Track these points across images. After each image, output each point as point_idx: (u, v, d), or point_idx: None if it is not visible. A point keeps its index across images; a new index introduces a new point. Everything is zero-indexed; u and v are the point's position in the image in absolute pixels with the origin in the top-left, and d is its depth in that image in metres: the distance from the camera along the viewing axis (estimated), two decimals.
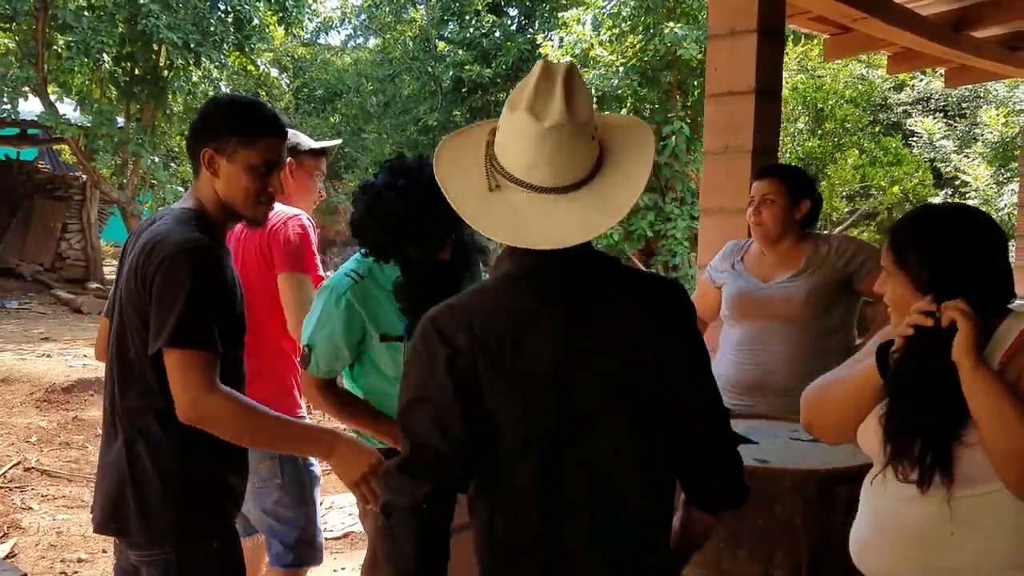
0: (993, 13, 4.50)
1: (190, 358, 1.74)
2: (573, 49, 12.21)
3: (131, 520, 1.85)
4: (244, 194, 1.90)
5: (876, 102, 13.12)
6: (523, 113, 1.28)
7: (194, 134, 1.92)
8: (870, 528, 1.68)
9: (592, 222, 1.31)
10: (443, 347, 1.32)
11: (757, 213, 2.84)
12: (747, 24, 3.13)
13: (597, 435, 1.35)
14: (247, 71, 15.80)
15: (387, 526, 1.35)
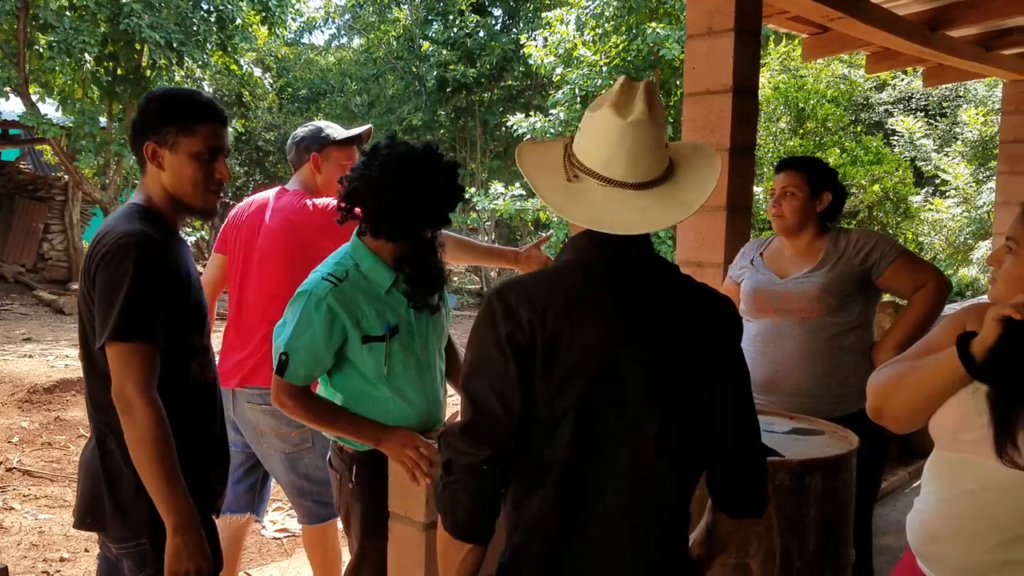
0: (968, 13, 4.55)
1: (129, 352, 1.76)
2: (557, 49, 12.25)
3: (107, 515, 1.86)
4: (191, 184, 1.92)
5: (858, 102, 13.23)
6: (607, 110, 1.38)
7: (135, 131, 1.93)
8: (944, 518, 1.60)
9: (662, 214, 1.42)
10: (506, 323, 1.39)
11: (777, 205, 2.83)
12: (724, 24, 3.17)
13: (630, 421, 1.41)
14: (230, 70, 15.73)
15: (447, 482, 1.42)
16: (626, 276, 1.45)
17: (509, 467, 1.44)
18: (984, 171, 10.32)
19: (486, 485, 1.41)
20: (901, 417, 1.70)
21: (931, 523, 1.64)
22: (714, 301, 1.52)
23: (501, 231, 18.58)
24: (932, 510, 1.64)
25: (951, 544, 1.59)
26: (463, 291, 17.33)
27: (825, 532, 2.20)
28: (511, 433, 1.40)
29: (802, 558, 2.17)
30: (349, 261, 2.23)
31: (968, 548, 1.56)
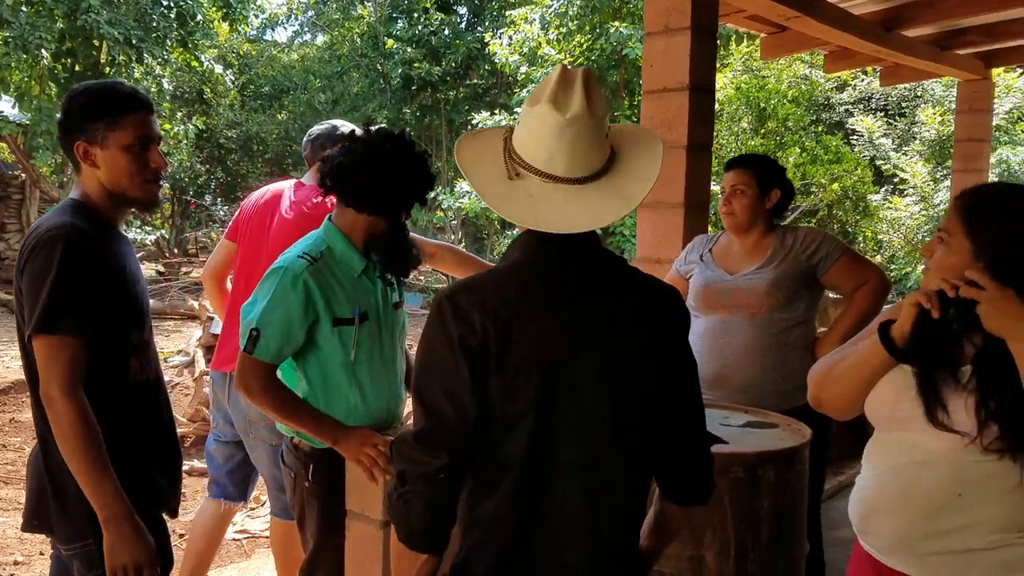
0: (923, 12, 4.62)
1: (54, 346, 1.74)
2: (522, 47, 12.25)
3: (52, 516, 1.84)
4: (127, 176, 1.89)
5: (818, 102, 13.38)
6: (545, 105, 1.36)
7: (63, 133, 1.91)
8: (880, 491, 1.70)
9: (603, 211, 1.40)
10: (457, 326, 1.37)
11: (728, 203, 2.85)
12: (681, 22, 3.19)
13: (584, 417, 1.40)
14: (191, 67, 15.54)
15: (401, 492, 1.40)
16: (576, 272, 1.45)
17: (464, 471, 1.42)
18: (941, 170, 10.50)
19: (442, 494, 1.40)
20: (838, 403, 1.80)
21: (868, 499, 1.72)
22: (664, 294, 1.53)
23: (467, 230, 18.56)
24: (869, 487, 1.73)
25: (887, 516, 1.67)
26: (429, 291, 17.29)
27: (778, 524, 2.23)
28: (466, 437, 1.38)
29: (756, 549, 2.19)
30: (323, 243, 2.25)
31: (902, 518, 1.64)
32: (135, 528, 1.78)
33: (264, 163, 20.81)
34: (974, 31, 5.08)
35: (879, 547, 1.71)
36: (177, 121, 15.31)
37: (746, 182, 2.83)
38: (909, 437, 1.65)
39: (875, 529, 1.72)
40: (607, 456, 1.42)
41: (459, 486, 1.43)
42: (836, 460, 4.85)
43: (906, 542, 1.66)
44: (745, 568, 2.17)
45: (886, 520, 1.69)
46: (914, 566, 1.64)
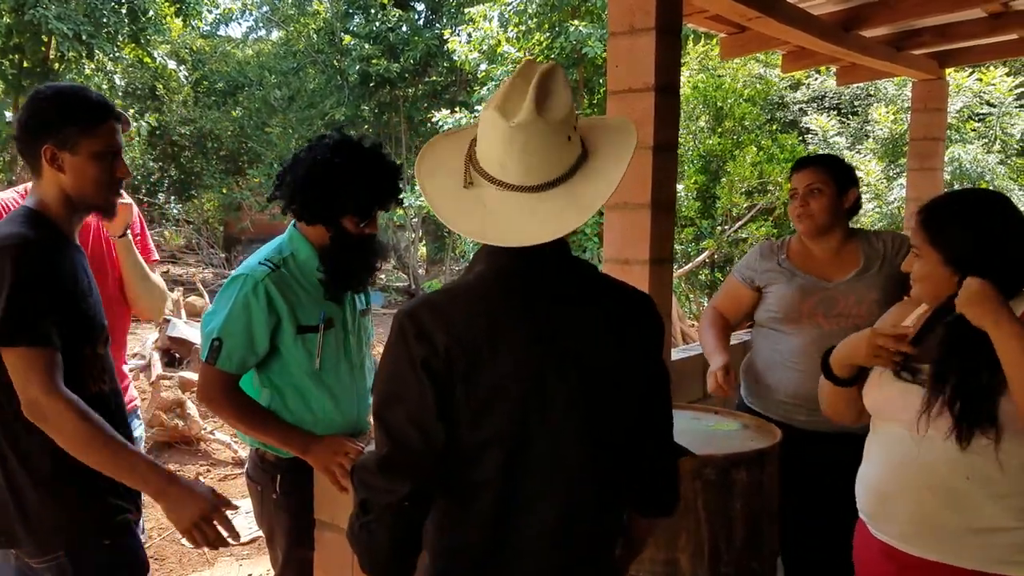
0: (880, 13, 4.67)
1: (24, 356, 1.69)
2: (481, 45, 12.22)
3: (16, 528, 1.78)
4: (94, 185, 1.86)
5: (773, 101, 13.52)
6: (492, 111, 1.29)
7: (27, 133, 1.85)
8: (891, 478, 1.80)
9: (561, 220, 1.31)
10: (420, 346, 1.30)
11: (804, 204, 2.67)
12: (646, 22, 3.18)
13: (556, 437, 1.35)
14: (143, 63, 15.27)
15: (365, 522, 1.35)
16: (543, 286, 1.38)
17: (430, 498, 1.37)
18: (894, 168, 10.67)
19: (408, 523, 1.35)
20: (838, 417, 2.02)
21: (879, 486, 1.82)
22: (636, 301, 1.48)
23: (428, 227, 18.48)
24: (878, 474, 1.83)
25: (901, 502, 1.76)
26: (390, 289, 17.18)
27: (752, 525, 2.23)
28: (433, 464, 1.33)
29: (730, 551, 2.20)
30: (287, 249, 2.20)
31: (918, 503, 1.73)
32: (183, 487, 1.79)
33: (219, 160, 20.49)
34: (929, 32, 5.16)
35: (896, 534, 1.78)
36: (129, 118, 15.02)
37: (823, 180, 2.66)
38: (907, 422, 1.75)
39: (891, 516, 1.79)
40: (580, 478, 1.37)
41: (424, 514, 1.37)
42: None
43: (926, 526, 1.73)
44: (719, 570, 2.17)
45: (901, 506, 1.76)
46: (937, 550, 1.71)
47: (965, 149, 9.59)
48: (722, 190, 10.38)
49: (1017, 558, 1.66)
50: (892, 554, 1.79)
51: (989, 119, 10.58)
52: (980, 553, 1.68)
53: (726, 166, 10.55)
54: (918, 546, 1.74)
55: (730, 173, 10.35)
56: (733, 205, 10.46)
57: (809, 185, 2.67)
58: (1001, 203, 1.77)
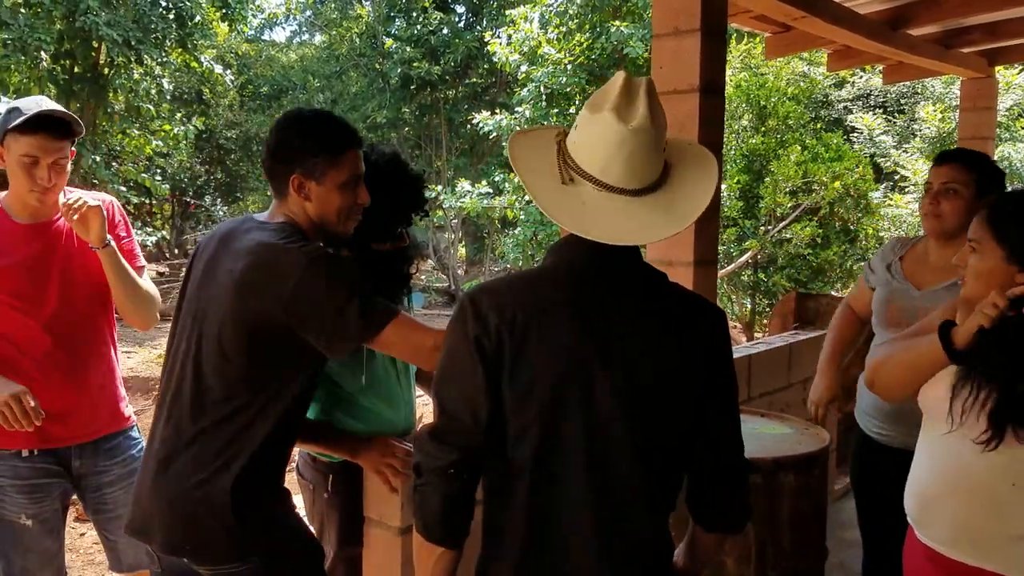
0: (928, 11, 4.61)
1: (400, 325, 1.78)
2: (521, 46, 12.24)
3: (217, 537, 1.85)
4: (337, 213, 1.90)
5: (818, 99, 13.37)
6: (608, 114, 1.34)
7: (275, 160, 1.90)
8: (938, 482, 1.78)
9: (654, 226, 1.38)
10: (476, 326, 1.38)
11: (935, 203, 2.46)
12: (690, 23, 3.18)
13: (597, 432, 1.38)
14: (190, 68, 15.51)
15: (418, 484, 1.43)
16: (607, 284, 1.42)
17: (480, 470, 1.44)
18: None
19: (456, 488, 1.41)
20: (891, 389, 1.94)
21: (926, 491, 1.80)
22: (703, 311, 1.50)
23: (468, 229, 18.57)
24: (926, 478, 1.81)
25: (947, 507, 1.75)
26: (430, 290, 17.29)
27: (799, 528, 2.23)
28: (478, 437, 1.40)
29: (777, 555, 2.19)
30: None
31: (963, 509, 1.72)
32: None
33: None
34: (977, 29, 5.08)
35: (940, 539, 1.77)
36: (177, 122, 15.29)
37: (963, 181, 2.42)
38: (960, 429, 1.71)
39: (935, 521, 1.78)
40: (624, 476, 1.39)
41: (473, 482, 1.44)
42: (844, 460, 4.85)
43: (969, 532, 1.72)
44: (766, 573, 2.17)
45: (947, 511, 1.75)
46: (979, 556, 1.70)
47: (1016, 148, 9.40)
48: (766, 190, 10.27)
49: None
50: (936, 559, 1.77)
51: None
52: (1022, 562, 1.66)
53: (769, 165, 10.44)
54: (961, 551, 1.73)
55: (774, 172, 10.24)
56: (777, 205, 10.35)
57: (945, 183, 2.44)
58: None
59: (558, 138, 1.44)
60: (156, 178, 15.74)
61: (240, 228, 1.91)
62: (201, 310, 1.87)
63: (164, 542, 1.85)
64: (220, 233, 1.96)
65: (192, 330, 1.87)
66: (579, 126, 1.41)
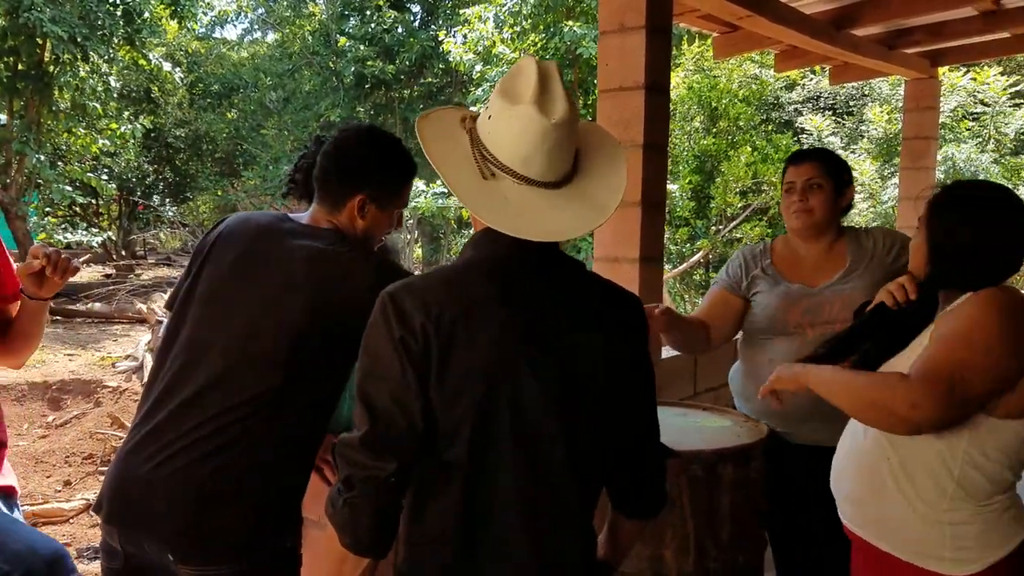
0: (872, 12, 4.68)
1: None
2: (476, 46, 12.23)
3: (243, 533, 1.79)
4: (381, 233, 1.97)
5: (768, 101, 13.55)
6: (530, 107, 1.31)
7: (345, 174, 1.89)
8: (840, 461, 1.93)
9: (584, 219, 1.36)
10: (399, 327, 1.32)
11: (803, 200, 2.48)
12: (636, 21, 3.19)
13: (529, 428, 1.35)
14: (138, 66, 15.26)
15: (348, 498, 1.34)
16: (530, 277, 1.40)
17: (410, 476, 1.37)
18: (888, 167, 10.70)
19: (391, 500, 1.35)
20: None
21: (835, 469, 1.94)
22: (624, 303, 1.49)
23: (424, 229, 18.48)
24: (837, 459, 1.94)
25: (846, 485, 1.88)
26: None
27: (738, 520, 2.23)
28: (415, 442, 1.34)
29: (716, 546, 2.20)
30: None
31: (855, 488, 1.85)
32: None
33: (214, 162, 20.50)
34: (920, 30, 5.17)
35: (843, 512, 1.90)
36: (124, 120, 15.02)
37: (823, 175, 2.49)
38: None
39: (840, 497, 1.91)
40: (557, 469, 1.37)
41: (405, 489, 1.38)
42: None
43: (859, 507, 1.84)
44: (706, 565, 2.17)
45: (845, 487, 1.89)
46: (868, 532, 1.82)
47: (959, 148, 9.62)
48: (717, 190, 10.40)
49: (922, 549, 1.71)
50: (847, 532, 1.90)
51: (983, 118, 10.61)
52: (894, 537, 1.75)
53: (721, 166, 10.57)
54: (856, 526, 1.85)
55: (724, 173, 10.37)
56: (728, 205, 10.49)
57: (809, 180, 2.49)
58: (997, 199, 1.75)
59: (466, 124, 1.41)
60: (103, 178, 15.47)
61: (281, 228, 1.87)
62: (242, 305, 1.80)
63: (169, 538, 1.73)
64: (249, 230, 1.89)
65: (225, 325, 1.79)
66: (495, 117, 1.37)
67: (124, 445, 1.84)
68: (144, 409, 1.83)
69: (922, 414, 1.59)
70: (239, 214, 2.02)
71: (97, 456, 7.02)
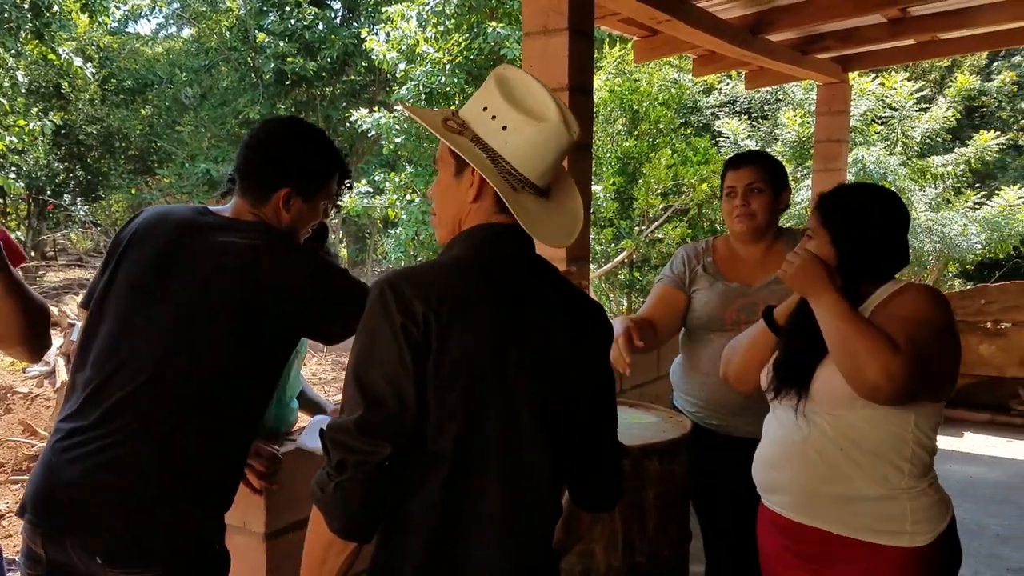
0: (785, 18, 4.83)
1: None
2: (399, 45, 12.15)
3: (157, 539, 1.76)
4: (304, 227, 1.94)
5: (687, 105, 13.83)
6: (560, 125, 1.39)
7: (270, 165, 1.86)
8: (779, 453, 1.96)
9: (569, 226, 1.47)
10: (400, 314, 1.33)
11: (745, 204, 2.53)
12: (559, 23, 3.22)
13: (511, 420, 1.39)
14: (47, 60, 14.69)
15: (340, 481, 1.33)
16: (517, 275, 1.45)
17: (402, 462, 1.37)
18: (802, 169, 11.01)
19: (383, 484, 1.35)
20: (739, 377, 2.12)
21: (769, 461, 1.98)
22: (589, 302, 1.57)
23: (349, 229, 18.28)
24: (768, 452, 1.99)
25: (787, 475, 1.92)
26: None
27: (664, 514, 2.29)
28: (410, 426, 1.35)
29: (642, 540, 2.25)
30: None
31: (801, 475, 1.89)
32: None
33: (127, 160, 19.89)
34: (831, 36, 5.36)
35: (784, 504, 1.94)
36: (33, 117, 14.41)
37: (763, 179, 2.53)
38: (787, 402, 1.92)
39: (777, 487, 1.95)
40: (534, 460, 1.41)
41: (398, 477, 1.38)
42: None
43: (804, 495, 1.89)
44: (633, 559, 2.22)
45: (785, 477, 1.92)
46: (812, 517, 1.88)
47: (869, 151, 9.96)
48: (639, 191, 10.56)
49: (881, 527, 1.80)
50: (778, 522, 1.94)
51: (891, 122, 11.02)
52: (852, 520, 1.82)
53: (642, 168, 10.74)
54: (798, 513, 1.90)
55: (646, 175, 10.53)
56: (650, 206, 10.66)
57: (750, 184, 2.53)
58: (887, 196, 1.94)
59: (451, 126, 1.44)
60: (10, 176, 14.79)
61: (202, 222, 1.83)
62: (165, 303, 1.75)
63: (94, 540, 1.68)
64: (168, 224, 1.84)
65: (148, 323, 1.74)
66: (513, 130, 1.41)
67: (48, 447, 1.78)
68: (66, 411, 1.77)
69: (893, 387, 1.69)
70: (155, 208, 1.98)
71: (9, 464, 6.74)
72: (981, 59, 16.00)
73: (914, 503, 1.79)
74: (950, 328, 1.79)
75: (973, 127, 14.01)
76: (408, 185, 12.45)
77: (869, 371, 1.69)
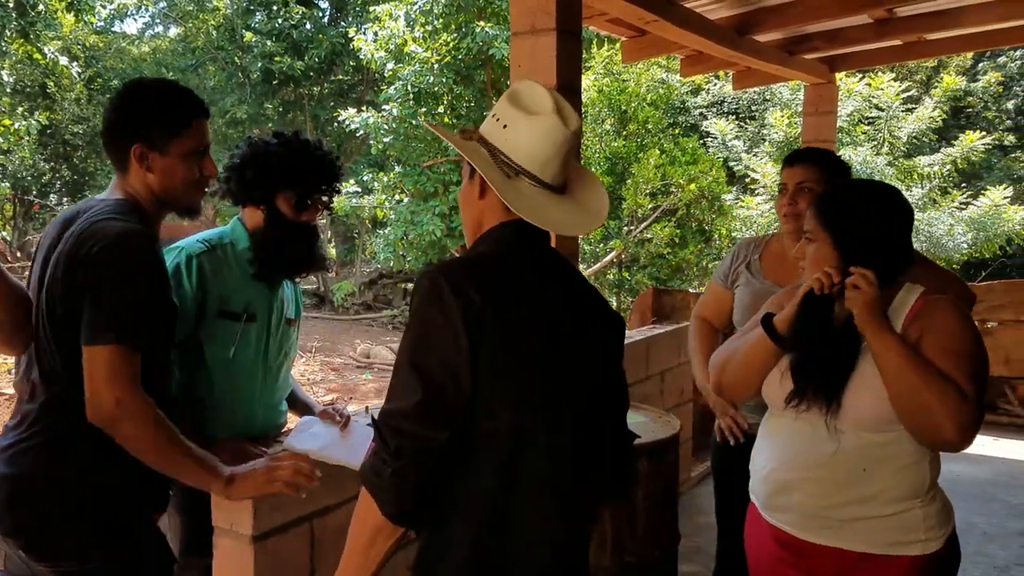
0: (773, 18, 4.83)
1: (124, 355, 1.66)
2: (388, 44, 12.14)
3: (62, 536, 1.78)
4: (183, 184, 1.84)
5: (675, 105, 13.87)
6: (552, 116, 1.44)
7: (114, 131, 1.81)
8: (789, 469, 1.85)
9: (582, 219, 1.51)
10: (457, 300, 1.34)
11: (793, 202, 2.47)
12: (547, 23, 3.22)
13: (555, 413, 1.42)
14: (33, 60, 14.59)
15: (397, 467, 1.33)
16: (550, 273, 1.50)
17: (455, 447, 1.38)
18: None
19: (438, 468, 1.36)
20: (735, 388, 1.97)
21: (777, 478, 1.87)
22: (596, 300, 1.58)
23: (337, 229, 18.24)
24: (776, 466, 1.88)
25: (799, 492, 1.82)
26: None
27: (653, 514, 2.29)
28: (464, 411, 1.35)
29: (633, 540, 2.24)
30: (228, 237, 2.21)
31: (816, 493, 1.80)
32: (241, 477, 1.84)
33: None
34: (818, 36, 5.36)
35: (791, 522, 1.85)
36: (18, 116, 14.32)
37: (815, 178, 2.46)
38: (805, 415, 1.81)
39: (787, 506, 1.86)
40: (571, 449, 1.45)
41: (451, 462, 1.38)
42: (702, 447, 5.04)
43: (820, 514, 1.81)
44: (623, 559, 2.22)
45: (799, 495, 1.83)
46: (827, 536, 1.80)
47: (855, 151, 10.01)
48: (627, 191, 10.58)
49: (898, 538, 1.77)
50: (784, 539, 1.86)
51: (878, 122, 11.07)
52: (869, 536, 1.77)
53: (631, 168, 10.75)
54: (811, 532, 1.82)
55: (635, 175, 10.55)
56: (638, 206, 10.67)
57: (800, 183, 2.47)
58: (888, 192, 1.85)
59: (468, 136, 1.51)
60: None
61: (81, 209, 1.83)
62: (34, 296, 1.79)
63: (10, 532, 1.74)
64: (62, 217, 1.85)
65: (38, 318, 1.78)
66: (511, 126, 1.47)
67: None
68: None
69: (967, 442, 1.65)
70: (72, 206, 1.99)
71: None
72: (967, 60, 16.11)
73: (926, 510, 1.77)
74: (985, 351, 1.75)
75: (959, 127, 14.11)
76: (397, 185, 12.44)
77: (945, 430, 1.63)
